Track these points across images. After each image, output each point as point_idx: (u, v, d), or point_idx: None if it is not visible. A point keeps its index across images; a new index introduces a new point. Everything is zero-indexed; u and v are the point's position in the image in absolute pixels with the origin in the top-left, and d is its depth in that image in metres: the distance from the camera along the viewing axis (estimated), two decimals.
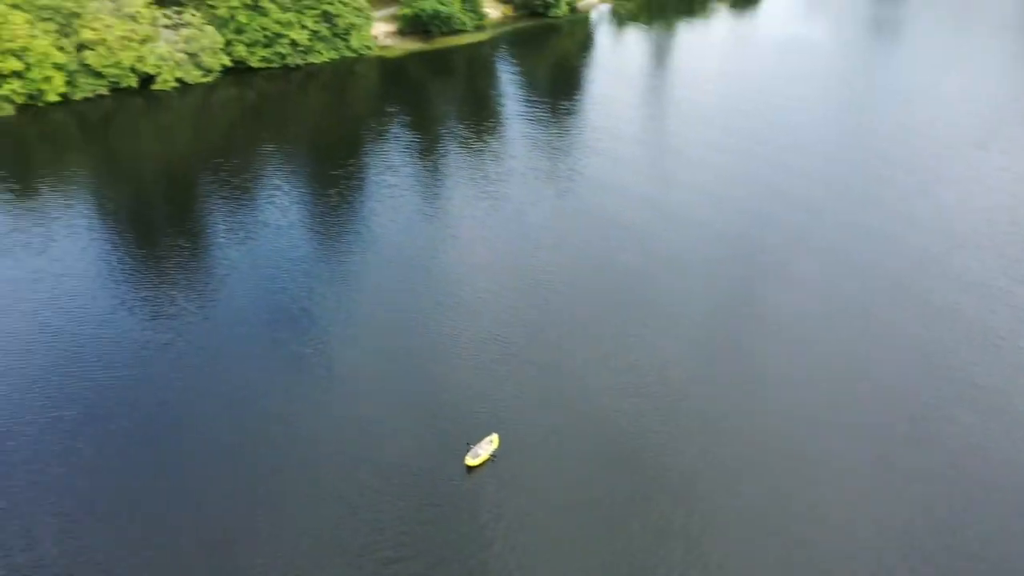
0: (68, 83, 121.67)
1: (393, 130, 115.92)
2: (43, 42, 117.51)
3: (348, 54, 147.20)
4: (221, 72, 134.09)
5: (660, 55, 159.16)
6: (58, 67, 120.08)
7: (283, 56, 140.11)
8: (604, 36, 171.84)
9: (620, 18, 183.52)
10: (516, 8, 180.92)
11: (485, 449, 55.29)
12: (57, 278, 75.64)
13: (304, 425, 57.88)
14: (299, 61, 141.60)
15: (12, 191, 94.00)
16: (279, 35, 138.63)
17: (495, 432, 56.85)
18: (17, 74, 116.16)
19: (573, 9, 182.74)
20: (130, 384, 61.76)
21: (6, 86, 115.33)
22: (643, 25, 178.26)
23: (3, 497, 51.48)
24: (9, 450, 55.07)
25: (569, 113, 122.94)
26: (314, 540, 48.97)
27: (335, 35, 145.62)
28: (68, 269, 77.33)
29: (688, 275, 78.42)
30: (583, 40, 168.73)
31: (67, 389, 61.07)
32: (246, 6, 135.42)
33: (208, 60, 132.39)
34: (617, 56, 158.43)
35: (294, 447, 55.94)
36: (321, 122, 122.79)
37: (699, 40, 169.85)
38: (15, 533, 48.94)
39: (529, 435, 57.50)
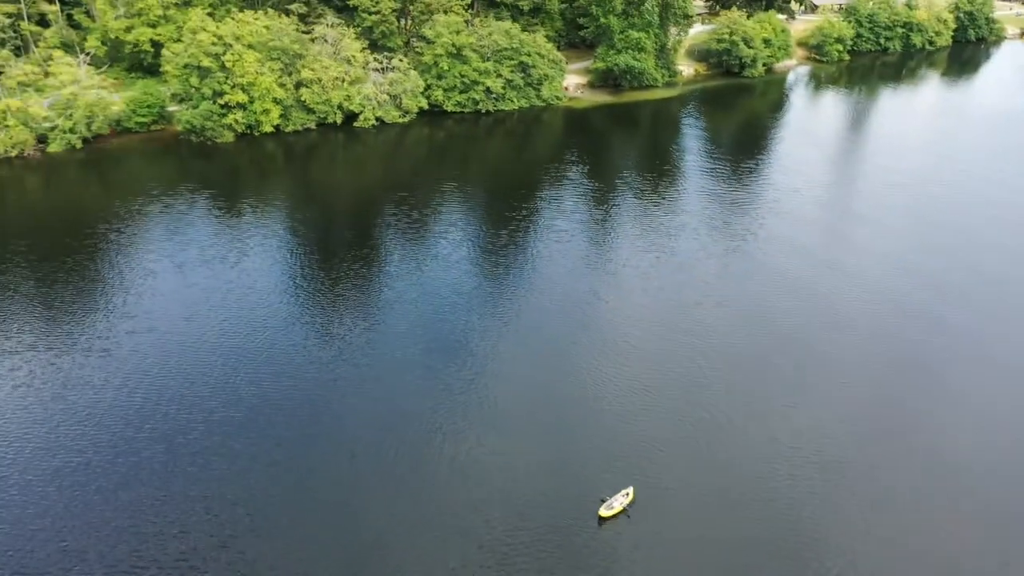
0: (282, 116, 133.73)
1: (570, 177, 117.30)
2: (268, 79, 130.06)
3: (537, 103, 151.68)
4: (416, 113, 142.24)
5: (856, 120, 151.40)
6: (276, 102, 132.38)
7: (476, 102, 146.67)
8: (798, 98, 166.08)
9: (818, 81, 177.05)
10: (710, 67, 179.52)
11: (620, 502, 53.55)
12: (245, 290, 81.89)
13: (444, 457, 58.43)
14: (490, 107, 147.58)
15: (220, 208, 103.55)
16: (475, 82, 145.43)
17: (632, 485, 54.88)
18: (241, 106, 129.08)
19: (769, 70, 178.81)
20: (292, 395, 65.21)
21: (230, 116, 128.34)
22: (842, 89, 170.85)
23: (166, 484, 55.50)
24: (180, 444, 59.46)
25: (751, 172, 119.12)
26: (441, 570, 48.99)
27: (528, 85, 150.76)
28: (255, 283, 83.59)
29: (859, 346, 72.75)
30: (776, 101, 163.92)
31: (237, 392, 65.43)
32: (450, 54, 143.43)
33: (407, 102, 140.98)
34: (809, 119, 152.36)
35: (431, 477, 56.48)
36: (502, 165, 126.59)
37: (901, 107, 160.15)
38: (173, 519, 52.51)
39: (667, 491, 55.02)
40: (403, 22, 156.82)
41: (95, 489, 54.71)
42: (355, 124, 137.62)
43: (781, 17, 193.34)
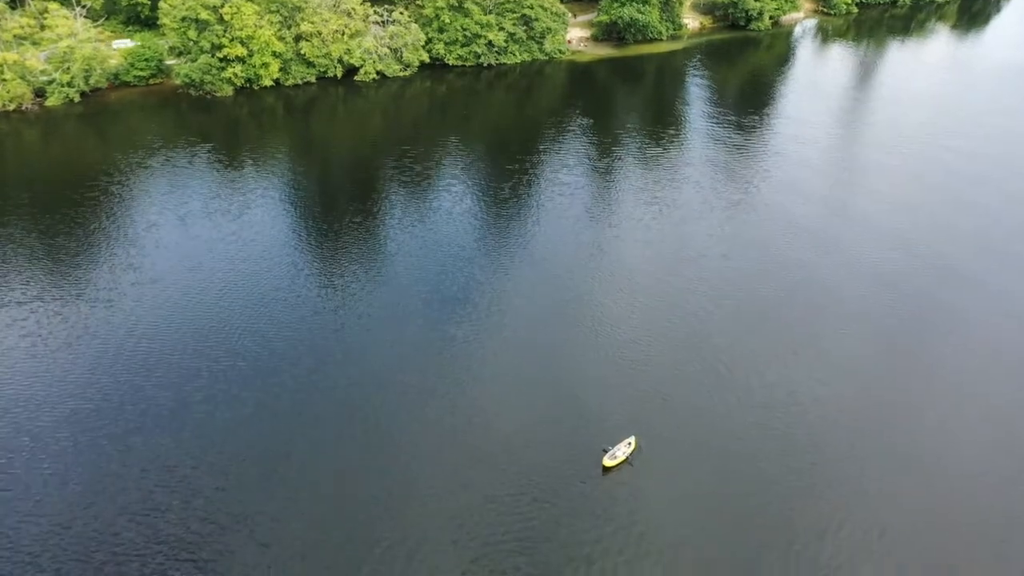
0: (282, 70, 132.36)
1: (573, 131, 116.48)
2: (267, 32, 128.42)
3: (540, 56, 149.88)
4: (418, 67, 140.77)
5: (863, 74, 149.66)
6: (276, 55, 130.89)
7: (478, 55, 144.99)
8: (805, 51, 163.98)
9: (825, 34, 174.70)
10: (716, 20, 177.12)
11: (622, 451, 54.18)
12: (248, 242, 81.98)
13: (445, 406, 59.02)
14: (492, 61, 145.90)
15: (220, 161, 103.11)
16: (477, 35, 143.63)
17: (633, 435, 55.52)
18: (240, 60, 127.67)
19: (776, 23, 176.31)
20: (295, 344, 65.71)
21: (229, 70, 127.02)
22: (850, 42, 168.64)
23: (174, 431, 56.23)
24: (188, 392, 60.11)
25: (755, 127, 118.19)
26: (445, 519, 49.77)
27: (530, 38, 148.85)
28: (258, 235, 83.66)
29: (852, 305, 72.96)
30: (782, 54, 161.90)
31: (242, 342, 65.93)
32: (451, 7, 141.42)
33: (408, 55, 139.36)
34: (816, 72, 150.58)
35: (434, 428, 57.12)
36: (504, 119, 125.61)
37: (909, 61, 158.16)
38: (181, 465, 53.31)
39: (668, 440, 55.72)
40: None
41: (105, 435, 55.49)
42: (355, 78, 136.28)
43: None
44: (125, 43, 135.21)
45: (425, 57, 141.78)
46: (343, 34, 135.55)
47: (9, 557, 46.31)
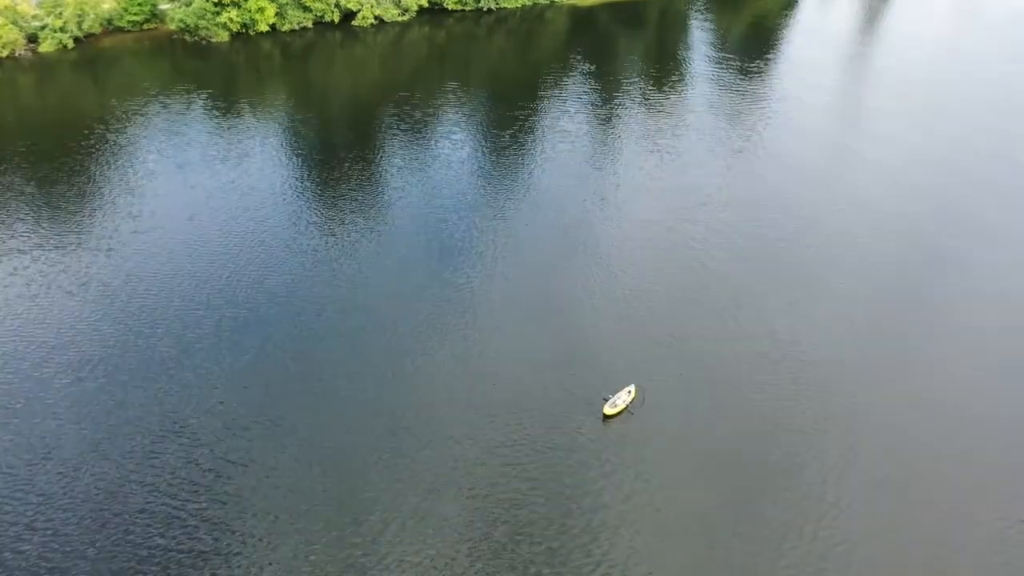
0: (278, 15, 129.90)
1: (574, 77, 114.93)
2: None
3: (541, 1, 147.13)
4: (416, 12, 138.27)
5: (870, 21, 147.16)
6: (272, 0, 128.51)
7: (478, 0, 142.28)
8: None
9: None
10: None
11: (623, 399, 54.52)
12: (247, 190, 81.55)
13: (444, 355, 59.08)
14: (492, 5, 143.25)
15: (218, 109, 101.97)
16: None
17: (633, 383, 55.85)
18: (235, 4, 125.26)
19: None
20: (296, 291, 65.78)
21: (224, 15, 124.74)
22: None
23: (178, 378, 56.62)
24: (192, 339, 60.31)
25: (758, 74, 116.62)
26: (446, 468, 50.35)
27: None
28: (257, 183, 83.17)
29: (853, 253, 72.50)
30: (788, 0, 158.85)
31: (243, 289, 65.98)
32: None
33: (407, 0, 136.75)
34: (822, 19, 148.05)
35: (434, 377, 57.18)
36: (505, 65, 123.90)
37: (918, 8, 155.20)
38: (185, 411, 53.86)
39: (668, 388, 56.00)
40: None
41: (110, 382, 55.89)
42: (353, 23, 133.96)
43: None
44: None
45: (424, 1, 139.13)
46: None
47: (22, 499, 47.06)
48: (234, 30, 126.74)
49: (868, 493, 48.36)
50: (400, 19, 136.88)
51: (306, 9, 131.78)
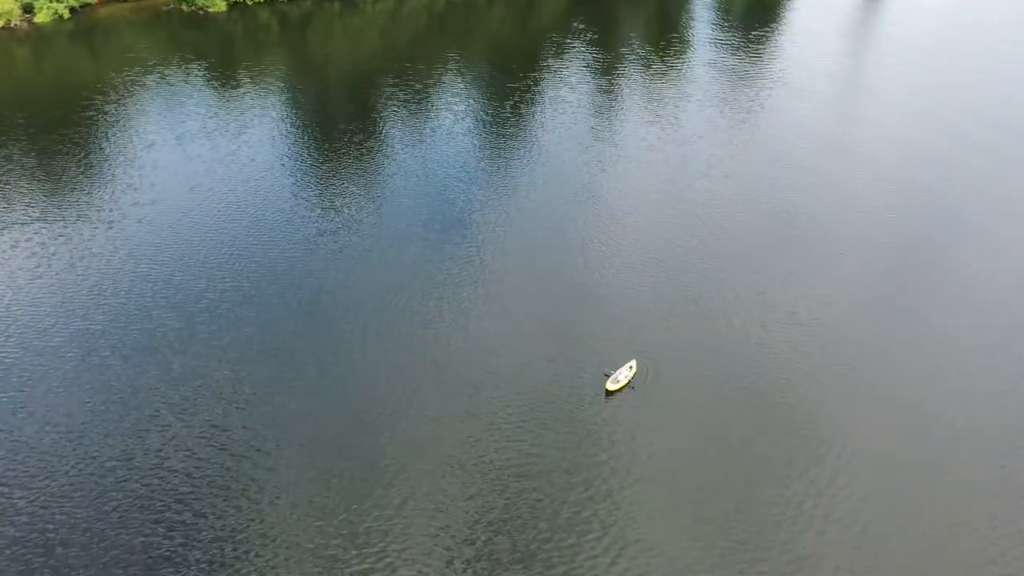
0: None
1: (575, 47, 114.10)
2: None
3: None
4: None
5: None
6: None
7: None
8: None
9: None
10: None
11: (624, 375, 54.59)
12: (247, 162, 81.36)
13: (447, 330, 59.20)
14: None
15: (216, 80, 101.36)
16: None
17: (634, 358, 56.02)
18: None
19: None
20: (297, 264, 65.91)
21: None
22: None
23: (182, 349, 56.93)
24: (196, 311, 60.49)
25: (761, 42, 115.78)
26: (449, 445, 50.77)
27: None
28: (257, 155, 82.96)
29: (858, 220, 72.91)
30: None
31: (244, 262, 66.11)
32: None
33: None
34: None
35: (434, 352, 57.25)
36: (505, 34, 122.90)
37: None
38: (191, 371, 54.26)
39: (669, 362, 56.27)
40: None
41: (113, 354, 56.19)
42: None
43: None
44: None
45: None
46: None
47: (30, 461, 47.56)
48: (231, 0, 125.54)
49: (869, 468, 48.69)
50: None
51: None
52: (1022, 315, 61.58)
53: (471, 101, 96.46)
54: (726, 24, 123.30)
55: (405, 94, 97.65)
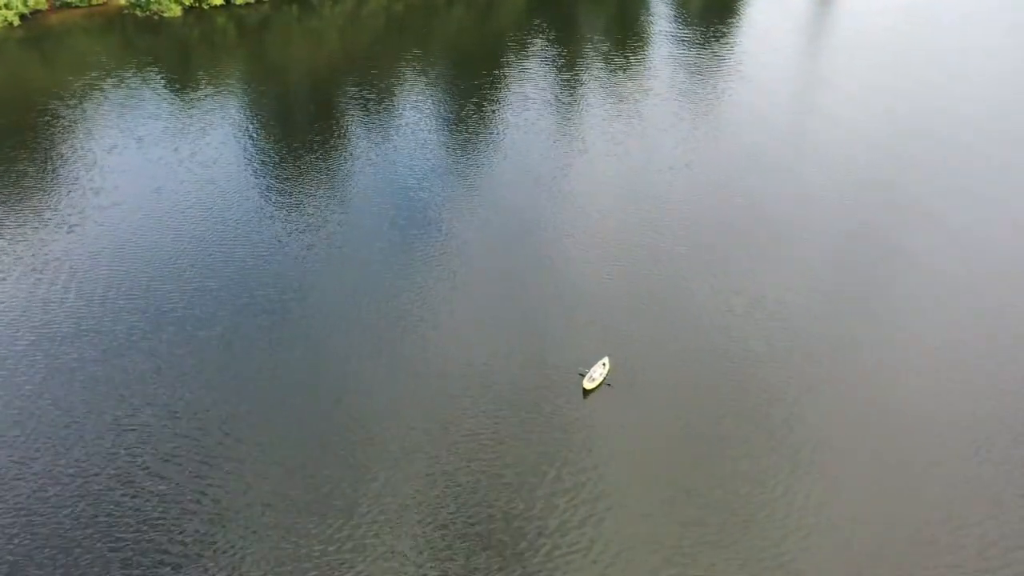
0: None
1: (536, 45, 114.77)
2: None
3: None
4: None
5: None
6: None
7: None
8: None
9: None
10: None
11: (599, 372, 54.24)
12: (210, 164, 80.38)
13: (418, 336, 58.43)
14: None
15: (175, 84, 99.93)
16: None
17: (606, 355, 55.83)
18: None
19: None
20: (263, 265, 65.18)
21: None
22: None
23: (152, 351, 55.92)
24: (162, 312, 59.53)
25: (720, 37, 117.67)
26: (425, 455, 50.50)
27: None
28: (221, 155, 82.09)
29: (819, 212, 74.14)
30: None
31: (211, 263, 65.22)
32: None
33: None
34: None
35: (406, 358, 56.53)
36: (466, 35, 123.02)
37: None
38: (160, 374, 53.28)
39: (640, 357, 56.24)
40: None
41: (81, 358, 55.01)
42: None
43: None
44: None
45: None
46: None
47: None
48: (187, 4, 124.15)
49: (837, 457, 48.88)
50: None
51: None
52: (977, 298, 63.21)
53: (434, 100, 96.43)
54: (685, 20, 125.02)
55: (367, 94, 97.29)
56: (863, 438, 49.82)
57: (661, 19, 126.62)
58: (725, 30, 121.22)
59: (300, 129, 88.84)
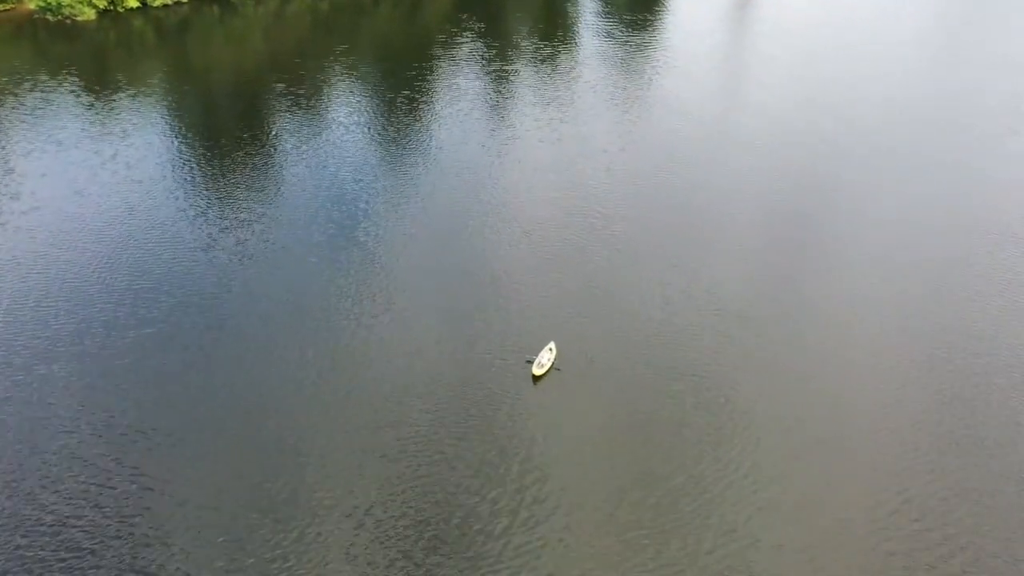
0: None
1: (465, 38, 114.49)
2: None
3: None
4: None
5: None
6: None
7: None
8: None
9: None
10: None
11: (547, 358, 53.35)
12: (131, 170, 77.48)
13: (359, 341, 55.47)
14: None
15: (92, 88, 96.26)
16: None
17: (553, 341, 54.86)
18: None
19: None
20: (197, 263, 62.94)
21: None
22: None
23: (81, 358, 53.33)
24: (88, 318, 56.79)
25: (646, 28, 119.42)
26: (374, 460, 49.36)
27: None
28: (144, 155, 79.36)
29: (749, 204, 74.43)
30: None
31: (139, 264, 62.63)
32: None
33: None
34: None
35: (348, 355, 54.02)
36: (394, 31, 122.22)
37: None
38: (87, 380, 50.88)
39: (588, 340, 55.52)
40: None
41: (5, 363, 52.21)
42: None
43: None
44: None
45: None
46: None
47: None
48: (100, 7, 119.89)
49: (779, 441, 48.06)
50: None
51: None
52: (903, 275, 64.80)
53: (365, 95, 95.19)
54: (611, 13, 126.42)
55: (296, 91, 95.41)
56: (808, 417, 49.73)
57: (588, 12, 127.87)
58: (651, 22, 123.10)
59: (228, 128, 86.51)
